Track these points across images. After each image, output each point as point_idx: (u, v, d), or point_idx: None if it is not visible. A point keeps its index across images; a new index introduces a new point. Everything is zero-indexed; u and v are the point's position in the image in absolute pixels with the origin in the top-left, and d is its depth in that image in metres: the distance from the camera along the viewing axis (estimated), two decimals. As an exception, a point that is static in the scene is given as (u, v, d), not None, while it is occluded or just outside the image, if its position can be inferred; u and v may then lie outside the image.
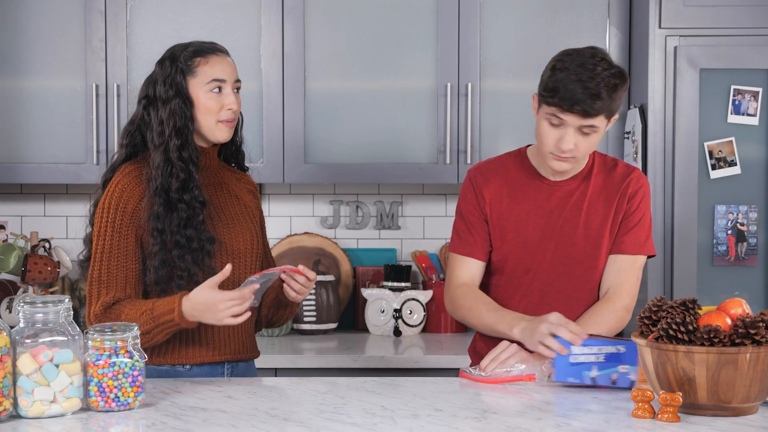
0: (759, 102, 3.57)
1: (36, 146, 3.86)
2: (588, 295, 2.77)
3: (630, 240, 2.75)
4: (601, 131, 2.66)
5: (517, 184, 2.79)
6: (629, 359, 2.50)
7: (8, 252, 3.87)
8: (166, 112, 2.65)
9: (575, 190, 2.77)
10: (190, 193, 2.65)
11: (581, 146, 2.65)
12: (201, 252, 2.63)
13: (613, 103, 2.63)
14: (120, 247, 2.63)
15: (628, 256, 2.75)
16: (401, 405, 2.36)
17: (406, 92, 3.88)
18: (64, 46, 3.85)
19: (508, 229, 2.77)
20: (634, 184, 2.76)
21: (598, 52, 2.65)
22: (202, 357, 2.70)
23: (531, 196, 2.77)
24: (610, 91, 2.60)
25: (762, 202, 3.59)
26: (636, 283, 2.77)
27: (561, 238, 2.75)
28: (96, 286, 2.63)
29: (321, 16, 3.86)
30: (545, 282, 2.76)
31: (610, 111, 2.64)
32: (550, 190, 2.77)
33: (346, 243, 4.24)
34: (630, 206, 2.75)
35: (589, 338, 2.53)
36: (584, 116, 2.60)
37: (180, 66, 2.67)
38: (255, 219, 2.83)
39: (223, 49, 2.74)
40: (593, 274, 2.77)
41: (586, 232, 2.75)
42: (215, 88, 2.67)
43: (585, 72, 2.59)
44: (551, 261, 2.75)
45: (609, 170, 2.79)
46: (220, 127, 2.70)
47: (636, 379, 2.49)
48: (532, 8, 3.85)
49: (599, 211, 2.76)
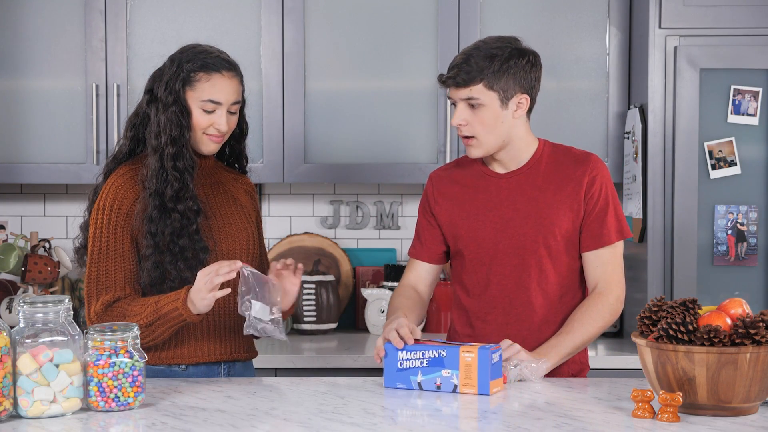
0: (759, 102, 3.57)
1: (36, 146, 3.86)
2: (550, 286, 2.75)
3: (605, 230, 2.73)
4: (491, 107, 2.66)
5: (467, 181, 2.82)
6: (450, 363, 2.46)
7: (8, 252, 3.87)
8: (164, 118, 2.64)
9: (523, 182, 2.75)
10: (184, 203, 2.63)
11: (473, 123, 2.67)
12: (194, 260, 2.63)
13: (490, 73, 2.63)
14: (116, 249, 2.63)
15: (607, 248, 2.74)
16: (401, 405, 2.36)
17: (406, 92, 3.88)
18: (64, 46, 3.85)
19: (460, 226, 2.80)
20: (590, 172, 2.73)
21: (508, 38, 2.71)
22: (198, 357, 2.70)
23: (480, 191, 2.79)
24: (481, 59, 2.63)
25: (762, 202, 3.59)
26: (621, 271, 2.77)
27: (511, 229, 2.74)
28: (94, 287, 2.63)
29: (321, 16, 3.86)
30: (502, 274, 2.76)
31: (489, 82, 2.64)
32: (498, 183, 2.78)
33: (346, 243, 4.24)
34: (590, 195, 2.72)
35: (415, 343, 2.51)
36: (455, 85, 2.67)
37: (182, 74, 2.64)
38: (251, 220, 2.82)
39: (231, 67, 2.68)
40: (551, 263, 2.74)
41: (537, 221, 2.73)
42: (209, 108, 2.65)
43: (468, 47, 2.70)
44: (504, 252, 2.75)
45: (560, 159, 2.77)
46: (205, 141, 2.68)
47: (458, 384, 2.45)
48: (532, 8, 3.85)
49: (550, 199, 2.73)
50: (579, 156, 2.77)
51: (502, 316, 2.77)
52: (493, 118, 2.68)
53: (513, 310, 2.76)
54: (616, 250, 2.76)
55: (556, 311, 2.76)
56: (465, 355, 2.44)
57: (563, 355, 2.69)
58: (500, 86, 2.66)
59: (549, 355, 2.65)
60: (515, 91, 2.67)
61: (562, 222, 2.73)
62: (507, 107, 2.68)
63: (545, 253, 2.73)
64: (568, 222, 2.73)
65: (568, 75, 3.83)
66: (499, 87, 2.66)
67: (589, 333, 2.71)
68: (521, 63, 2.67)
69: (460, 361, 2.44)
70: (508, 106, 2.68)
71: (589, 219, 2.73)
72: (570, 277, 2.77)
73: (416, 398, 2.42)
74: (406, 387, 2.49)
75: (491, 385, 2.43)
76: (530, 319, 2.75)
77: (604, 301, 2.72)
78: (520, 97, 2.69)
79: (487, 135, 2.69)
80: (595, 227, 2.73)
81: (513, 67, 2.66)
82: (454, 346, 2.47)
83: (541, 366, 2.60)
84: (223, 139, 2.70)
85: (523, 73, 2.68)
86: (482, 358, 2.43)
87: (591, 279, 2.76)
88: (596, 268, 2.75)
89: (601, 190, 2.73)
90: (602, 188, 2.74)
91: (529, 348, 2.69)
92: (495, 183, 2.78)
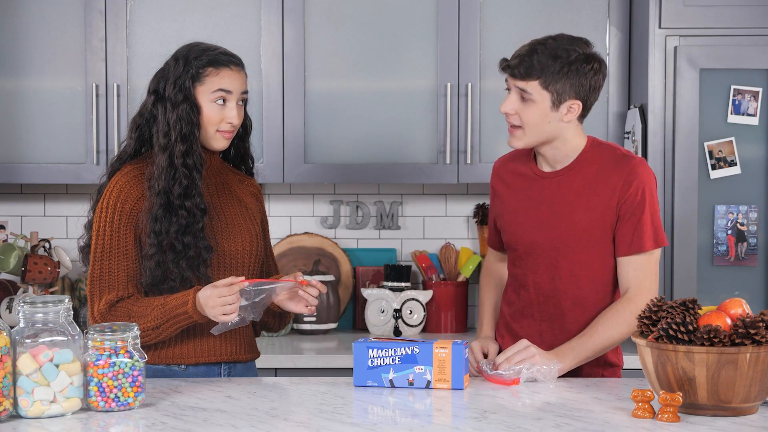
0: (759, 102, 3.57)
1: (36, 146, 3.86)
2: (582, 290, 2.73)
3: (639, 237, 2.68)
4: (541, 105, 2.64)
5: (516, 175, 2.82)
6: (424, 359, 2.50)
7: (8, 252, 3.87)
8: (174, 116, 2.64)
9: (563, 183, 2.74)
10: (191, 200, 2.64)
11: (523, 114, 2.67)
12: (197, 259, 2.63)
13: (549, 73, 2.62)
14: (119, 247, 2.63)
15: (641, 254, 2.69)
16: (401, 405, 2.36)
17: (406, 92, 3.88)
18: (64, 46, 3.85)
19: (504, 219, 2.83)
20: (626, 176, 2.68)
21: (578, 39, 2.69)
22: (198, 357, 2.70)
23: (525, 188, 2.79)
24: (545, 56, 2.62)
25: (762, 202, 3.59)
26: (655, 279, 2.72)
27: (547, 230, 2.74)
28: (97, 285, 2.63)
29: (321, 16, 3.86)
30: (536, 273, 2.77)
31: (546, 82, 2.63)
32: (541, 183, 2.77)
33: (346, 243, 4.24)
34: (625, 200, 2.67)
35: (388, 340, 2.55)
36: (512, 76, 2.66)
37: (191, 71, 2.65)
38: (255, 221, 2.81)
39: (238, 62, 2.71)
40: (583, 267, 2.72)
41: (570, 224, 2.71)
42: (219, 99, 2.66)
43: (537, 40, 2.70)
44: (539, 253, 2.76)
45: (602, 160, 2.73)
46: (218, 137, 2.69)
47: (431, 379, 2.49)
48: (532, 8, 3.85)
49: (585, 202, 2.71)
50: (620, 158, 2.72)
51: (537, 312, 2.77)
52: (541, 117, 2.66)
53: (546, 310, 2.76)
54: (651, 258, 2.71)
55: (588, 316, 2.73)
56: (439, 351, 2.49)
57: (582, 358, 2.67)
58: (556, 88, 2.63)
59: (566, 357, 2.64)
60: (569, 96, 2.64)
61: (594, 227, 2.70)
62: (557, 110, 2.66)
63: (576, 258, 2.72)
64: (601, 228, 2.70)
65: (568, 75, 3.83)
66: (554, 89, 2.63)
67: (613, 338, 2.68)
68: (584, 69, 2.64)
69: (434, 357, 2.49)
70: (558, 108, 2.65)
71: (622, 224, 2.69)
72: (604, 281, 2.74)
73: (415, 398, 2.42)
74: (377, 384, 2.52)
75: (464, 380, 2.50)
76: (561, 321, 2.74)
77: (632, 307, 2.66)
78: (573, 102, 2.65)
79: (531, 130, 2.68)
80: (628, 233, 2.69)
81: (574, 72, 2.63)
82: (426, 342, 2.51)
83: (553, 369, 2.59)
84: (233, 133, 2.71)
85: (583, 79, 2.64)
86: (456, 354, 2.49)
87: (623, 284, 2.72)
88: (628, 273, 2.70)
89: (637, 195, 2.68)
90: (638, 193, 2.68)
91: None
92: (539, 182, 2.77)
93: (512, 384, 2.56)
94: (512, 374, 2.57)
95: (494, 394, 2.47)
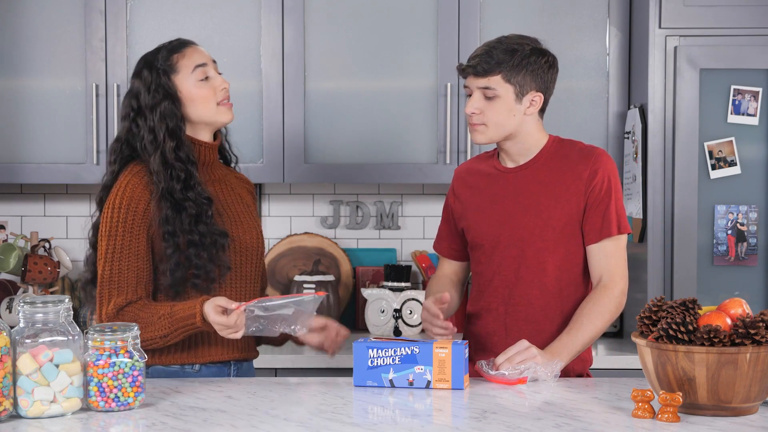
0: (759, 102, 3.57)
1: (36, 146, 3.86)
2: (548, 279, 2.76)
3: (606, 223, 2.75)
4: (505, 99, 2.72)
5: (481, 175, 2.88)
6: (424, 360, 2.51)
7: (8, 252, 3.87)
8: (156, 116, 2.67)
9: (528, 176, 2.80)
10: (193, 190, 2.66)
11: (487, 112, 2.73)
12: (215, 247, 2.64)
13: (509, 66, 2.70)
14: (131, 247, 2.62)
15: (610, 240, 2.75)
16: (401, 405, 2.36)
17: (406, 92, 3.88)
18: (64, 46, 3.85)
19: (469, 218, 2.86)
20: (591, 165, 2.76)
21: (529, 37, 2.78)
22: (212, 356, 2.70)
23: (489, 185, 2.84)
24: (502, 52, 2.70)
25: (762, 202, 3.59)
26: (625, 264, 2.78)
27: (512, 222, 2.78)
28: (107, 287, 2.62)
29: (321, 16, 3.86)
30: (502, 266, 2.80)
31: (507, 75, 2.71)
32: (505, 177, 2.83)
33: (346, 243, 4.24)
34: (591, 188, 2.75)
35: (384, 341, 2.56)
36: (475, 74, 2.73)
37: (161, 69, 2.70)
38: (256, 218, 2.84)
39: (192, 41, 2.78)
40: (549, 256, 2.76)
41: (536, 213, 2.76)
42: (201, 76, 2.70)
43: (490, 41, 2.78)
44: (505, 245, 2.79)
45: (565, 153, 2.81)
46: (222, 110, 2.73)
47: (431, 379, 2.50)
48: (532, 8, 3.85)
49: (551, 192, 2.76)
50: (584, 150, 2.81)
51: (502, 306, 2.80)
52: (506, 111, 2.74)
53: (512, 301, 2.79)
54: (619, 243, 2.77)
55: (554, 305, 2.77)
56: (439, 351, 2.50)
57: (574, 353, 2.70)
58: (517, 80, 2.72)
59: (561, 355, 2.66)
60: (531, 88, 2.74)
61: (561, 215, 2.76)
62: (521, 102, 2.74)
63: (542, 246, 2.76)
64: (567, 215, 2.76)
65: (568, 75, 3.82)
66: (516, 81, 2.72)
67: (598, 328, 2.72)
68: (540, 62, 2.74)
69: (434, 357, 2.50)
70: (521, 101, 2.74)
71: (591, 212, 2.76)
72: (571, 271, 2.78)
73: (415, 398, 2.42)
74: (377, 385, 2.53)
75: (464, 380, 2.50)
76: (527, 311, 2.78)
77: (610, 295, 2.73)
78: (535, 94, 2.75)
79: (495, 125, 2.75)
80: (596, 220, 2.75)
81: (532, 65, 2.73)
82: (426, 342, 2.52)
83: (555, 367, 2.61)
84: (231, 103, 2.75)
85: (541, 72, 2.75)
86: (456, 354, 2.49)
87: (595, 272, 2.77)
88: (600, 260, 2.76)
89: (603, 183, 2.75)
90: (604, 181, 2.76)
91: (531, 341, 2.69)
92: (503, 177, 2.83)
93: (517, 383, 2.56)
94: (515, 374, 2.57)
95: (494, 394, 2.47)
